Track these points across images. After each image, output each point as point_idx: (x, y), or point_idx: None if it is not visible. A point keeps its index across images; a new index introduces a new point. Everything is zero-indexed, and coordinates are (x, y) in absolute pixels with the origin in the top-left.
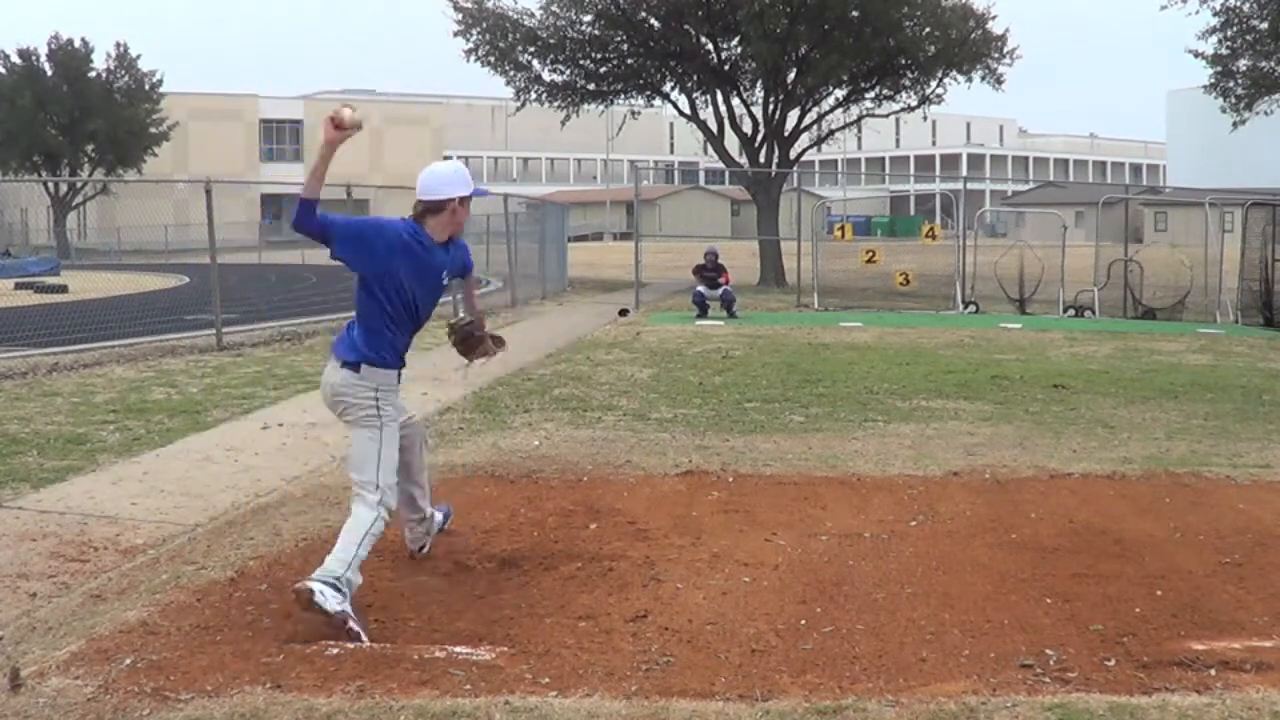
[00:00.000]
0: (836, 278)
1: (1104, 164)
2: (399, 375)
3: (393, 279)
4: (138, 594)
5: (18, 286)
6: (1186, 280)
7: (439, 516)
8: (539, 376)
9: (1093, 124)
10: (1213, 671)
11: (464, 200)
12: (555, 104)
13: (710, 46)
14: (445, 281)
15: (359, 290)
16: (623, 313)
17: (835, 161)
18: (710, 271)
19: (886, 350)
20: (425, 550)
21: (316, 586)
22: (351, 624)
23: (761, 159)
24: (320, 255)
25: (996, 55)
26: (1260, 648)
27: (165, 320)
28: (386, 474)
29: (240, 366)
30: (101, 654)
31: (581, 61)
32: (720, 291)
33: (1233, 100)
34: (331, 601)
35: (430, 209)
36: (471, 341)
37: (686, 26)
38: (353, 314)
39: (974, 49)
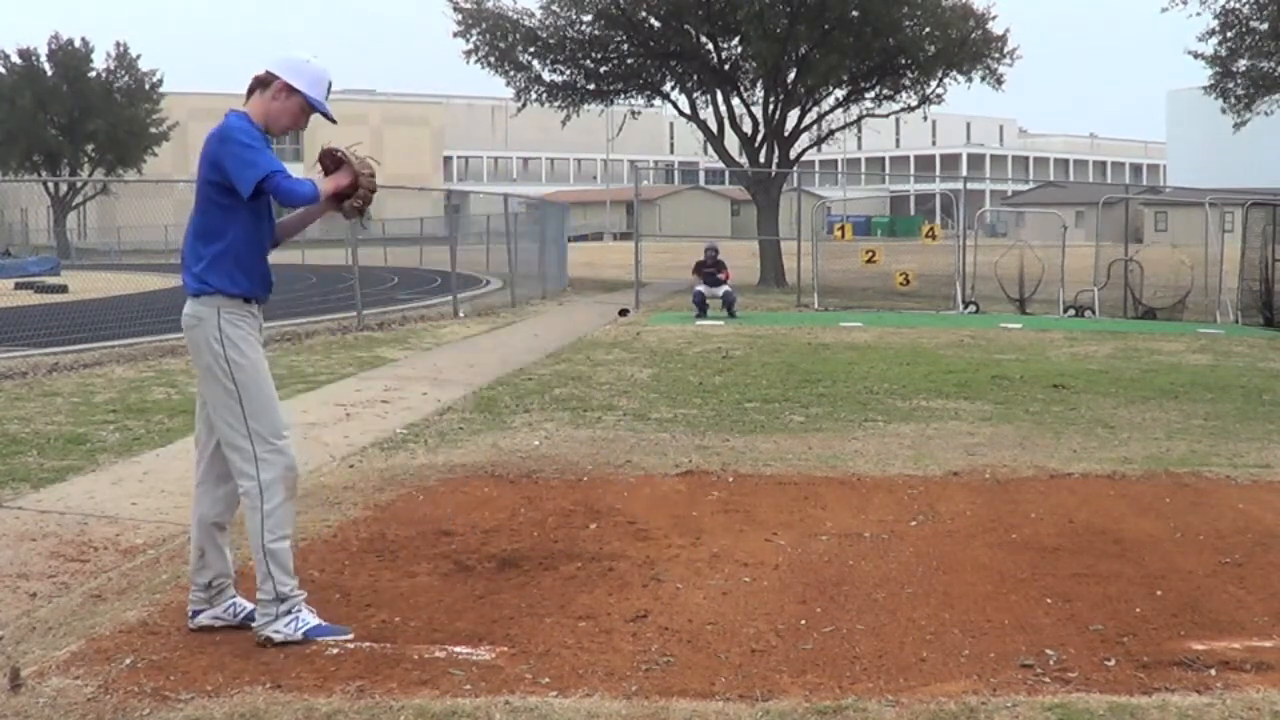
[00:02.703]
0: (836, 278)
1: (1104, 164)
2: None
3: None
4: (138, 594)
5: (18, 286)
6: (1187, 280)
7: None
8: (539, 376)
9: (1093, 124)
10: (1213, 671)
11: (290, 92)
12: (555, 104)
13: (710, 46)
14: (210, 174)
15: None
16: (623, 313)
17: (835, 161)
18: (710, 268)
19: (886, 350)
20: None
21: (264, 632)
22: (316, 624)
23: (761, 159)
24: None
25: (996, 55)
26: (1260, 648)
27: (165, 320)
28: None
29: None
30: (101, 654)
31: (582, 61)
32: (721, 291)
33: (1233, 101)
34: (285, 629)
35: (260, 81)
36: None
37: (686, 26)
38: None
39: (974, 49)
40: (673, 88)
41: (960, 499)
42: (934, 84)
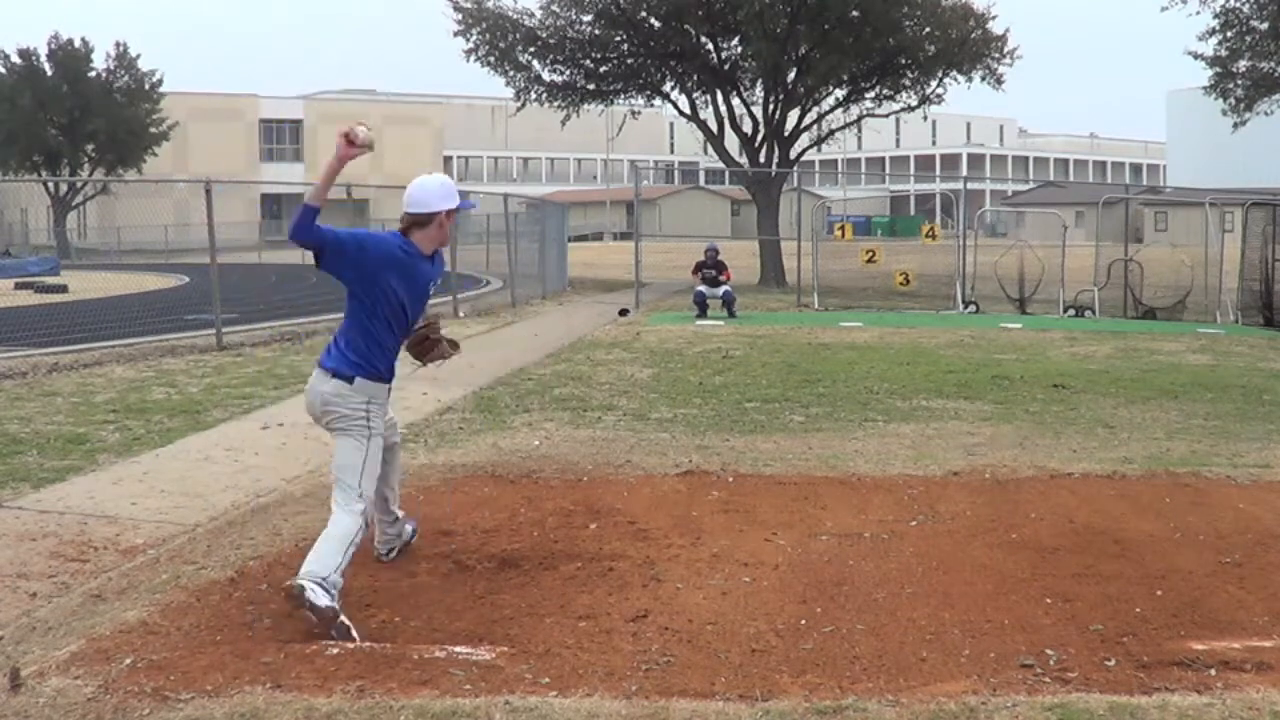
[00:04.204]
0: (836, 277)
1: (1104, 164)
2: (389, 389)
3: (383, 291)
4: (138, 594)
5: (18, 286)
6: (1187, 280)
7: (409, 528)
8: (539, 376)
9: (1093, 124)
10: (1213, 671)
11: (450, 213)
12: (555, 104)
13: (710, 46)
14: (431, 291)
15: (350, 302)
16: (623, 313)
17: (835, 161)
18: (711, 269)
19: (886, 350)
20: (391, 555)
21: (307, 585)
22: (343, 619)
23: (761, 159)
24: None
25: (996, 55)
26: (1260, 648)
27: (165, 320)
28: (369, 484)
29: (240, 366)
30: (101, 654)
31: (581, 61)
32: (721, 291)
33: (1233, 101)
34: (322, 598)
35: (418, 221)
36: (426, 345)
37: (686, 26)
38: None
39: (974, 49)
40: (673, 88)
41: (960, 499)
42: (934, 84)
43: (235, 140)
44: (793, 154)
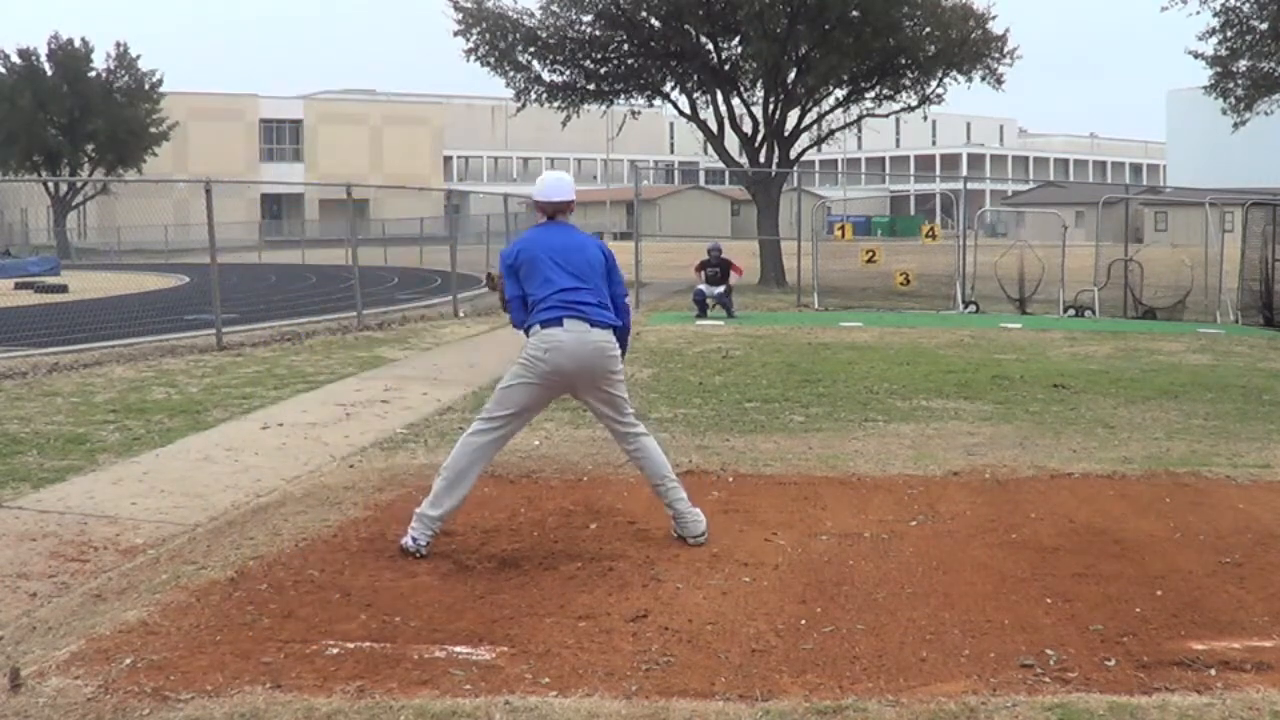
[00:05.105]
0: (836, 277)
1: (1104, 164)
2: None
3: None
4: (138, 594)
5: (18, 286)
6: (1187, 280)
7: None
8: None
9: (1093, 124)
10: (1213, 671)
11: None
12: (555, 104)
13: (710, 46)
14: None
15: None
16: None
17: (835, 161)
18: (714, 267)
19: (886, 350)
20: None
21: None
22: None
23: (761, 159)
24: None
25: (996, 55)
26: (1260, 648)
27: (165, 320)
28: None
29: (240, 366)
30: (101, 654)
31: (582, 62)
32: (716, 291)
33: (1233, 101)
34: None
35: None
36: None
37: (686, 26)
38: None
39: (974, 49)
40: (673, 88)
41: (960, 499)
42: (934, 84)
43: (235, 140)
44: (793, 154)
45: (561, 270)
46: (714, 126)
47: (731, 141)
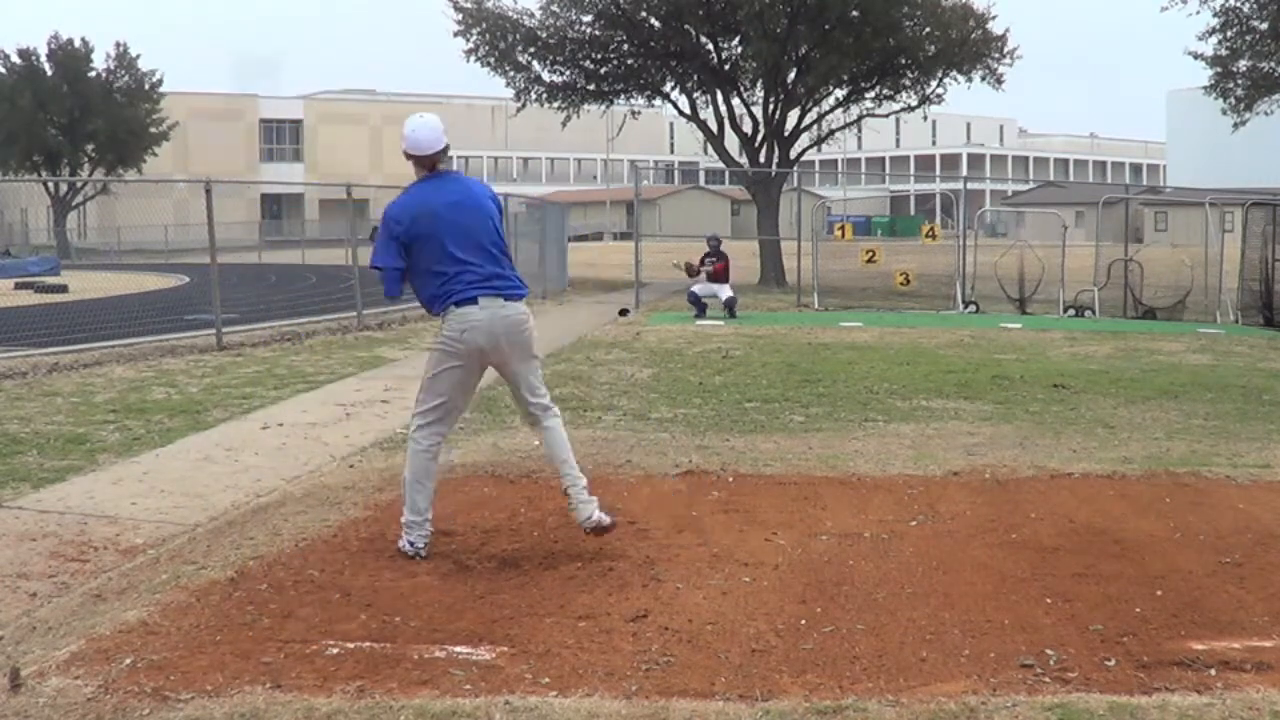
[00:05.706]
0: (836, 277)
1: (1104, 164)
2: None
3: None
4: (138, 594)
5: (18, 286)
6: (1187, 280)
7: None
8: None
9: (1093, 124)
10: (1213, 671)
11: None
12: (555, 104)
13: (710, 46)
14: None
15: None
16: (623, 313)
17: (835, 161)
18: (711, 256)
19: (886, 350)
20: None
21: (596, 515)
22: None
23: (761, 159)
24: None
25: (996, 55)
26: (1260, 648)
27: (165, 320)
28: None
29: (240, 366)
30: (101, 654)
31: (581, 62)
32: (725, 296)
33: (1233, 101)
34: (599, 513)
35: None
36: None
37: (686, 26)
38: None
39: (974, 49)
40: (673, 88)
41: (960, 499)
42: (934, 84)
43: (235, 140)
44: (793, 154)
45: (465, 239)
46: (714, 126)
47: (731, 141)
